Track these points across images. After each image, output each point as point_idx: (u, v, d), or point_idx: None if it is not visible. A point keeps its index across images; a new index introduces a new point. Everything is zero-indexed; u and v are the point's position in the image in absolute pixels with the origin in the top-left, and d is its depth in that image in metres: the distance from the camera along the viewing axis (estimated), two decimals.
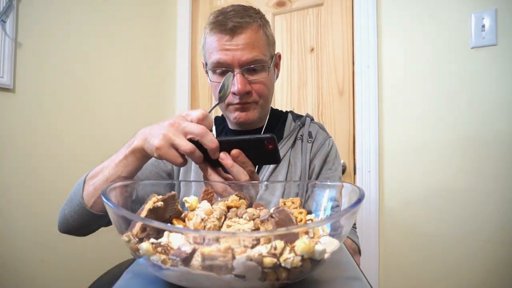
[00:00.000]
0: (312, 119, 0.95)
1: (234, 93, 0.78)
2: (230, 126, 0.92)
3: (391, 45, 1.41)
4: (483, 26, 1.23)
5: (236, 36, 0.75)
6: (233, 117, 0.83)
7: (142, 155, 0.57)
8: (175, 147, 0.52)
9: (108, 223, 0.68)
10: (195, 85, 1.90)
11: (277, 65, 0.89)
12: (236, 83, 0.77)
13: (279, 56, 0.90)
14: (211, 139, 0.52)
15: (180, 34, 1.90)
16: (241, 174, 0.53)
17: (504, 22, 1.21)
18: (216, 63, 0.78)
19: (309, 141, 0.90)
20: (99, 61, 1.51)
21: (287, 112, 1.00)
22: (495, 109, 1.21)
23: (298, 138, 0.90)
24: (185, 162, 0.54)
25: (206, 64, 0.83)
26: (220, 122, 0.97)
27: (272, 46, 0.84)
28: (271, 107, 0.96)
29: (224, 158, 0.53)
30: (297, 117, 0.97)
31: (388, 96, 1.41)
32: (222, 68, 0.78)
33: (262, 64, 0.79)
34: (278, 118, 0.95)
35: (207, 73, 0.84)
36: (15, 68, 1.22)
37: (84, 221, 0.65)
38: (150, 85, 1.78)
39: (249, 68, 0.78)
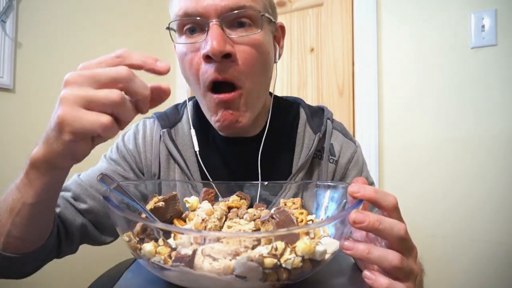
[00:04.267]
0: (332, 120, 0.68)
1: (207, 57, 0.51)
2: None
3: (391, 45, 1.41)
4: (483, 26, 1.23)
5: None
6: (214, 119, 0.56)
7: (48, 166, 0.38)
8: (89, 106, 0.33)
9: (44, 260, 0.52)
10: None
11: (279, 40, 0.64)
12: (210, 38, 0.50)
13: (282, 28, 0.64)
14: (142, 84, 0.36)
15: None
16: None
17: (504, 22, 1.21)
18: (181, 14, 0.52)
19: (331, 160, 0.64)
20: None
21: (297, 105, 0.70)
22: (495, 109, 1.21)
23: (315, 156, 0.64)
24: (113, 123, 0.34)
25: (170, 30, 0.58)
26: (203, 124, 0.64)
27: (270, 5, 0.58)
28: (273, 93, 0.68)
29: None
30: (312, 115, 0.68)
31: (388, 96, 1.41)
32: (191, 20, 0.52)
33: (252, 12, 0.52)
34: (287, 115, 0.67)
35: (171, 30, 0.58)
36: (15, 68, 1.22)
37: (8, 268, 0.46)
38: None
39: (231, 17, 0.52)
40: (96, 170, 0.63)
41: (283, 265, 0.33)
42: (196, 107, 0.68)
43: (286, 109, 0.68)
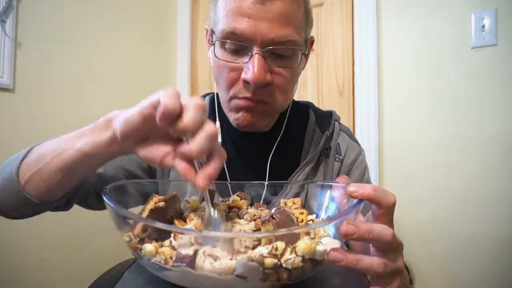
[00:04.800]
0: (339, 123, 0.72)
1: (245, 82, 0.55)
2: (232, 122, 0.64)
3: (391, 45, 1.41)
4: (483, 26, 1.23)
5: (269, 1, 0.52)
6: (234, 117, 0.60)
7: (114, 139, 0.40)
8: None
9: (54, 209, 0.54)
10: (195, 82, 1.90)
11: (307, 55, 0.65)
12: (251, 67, 0.53)
13: (313, 41, 0.66)
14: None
15: (180, 27, 1.90)
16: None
17: (504, 22, 1.21)
18: (229, 32, 0.54)
19: (337, 159, 0.68)
20: (99, 60, 1.51)
21: (307, 107, 0.74)
22: (495, 109, 1.21)
23: (322, 154, 0.67)
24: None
25: (213, 32, 0.59)
26: (222, 113, 0.67)
27: (309, 26, 0.61)
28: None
29: None
30: (320, 117, 0.72)
31: (388, 96, 1.41)
32: (236, 42, 0.54)
33: (294, 49, 0.56)
34: (298, 116, 0.71)
35: (213, 44, 0.58)
36: (15, 68, 1.22)
37: (11, 202, 0.49)
38: (151, 85, 1.78)
39: (275, 50, 0.54)
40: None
41: (284, 265, 0.33)
42: (211, 102, 0.71)
43: (298, 110, 0.72)
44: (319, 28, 1.59)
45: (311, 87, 1.60)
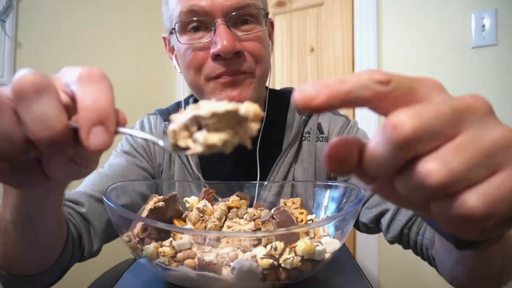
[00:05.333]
0: None
1: (216, 56, 0.52)
2: None
3: (391, 45, 1.41)
4: (483, 26, 1.23)
5: None
6: (221, 99, 0.52)
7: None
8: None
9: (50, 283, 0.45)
10: None
11: (270, 35, 0.64)
12: (219, 38, 0.51)
13: (272, 24, 0.65)
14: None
15: None
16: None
17: (504, 22, 1.21)
18: (187, 12, 0.52)
19: (321, 139, 0.64)
20: (99, 61, 1.51)
21: (289, 93, 0.69)
22: (495, 109, 1.21)
23: (304, 139, 0.64)
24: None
25: (172, 29, 0.57)
26: None
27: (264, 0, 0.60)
28: (267, 86, 0.69)
29: None
30: None
31: None
32: (197, 18, 0.52)
33: (256, 12, 0.55)
34: (280, 105, 0.68)
35: (174, 33, 0.56)
36: (15, 68, 1.22)
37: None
38: (151, 84, 1.78)
39: (238, 16, 0.53)
40: (116, 165, 0.60)
41: (282, 265, 0.33)
42: (177, 107, 0.70)
43: (280, 98, 0.69)
44: (319, 28, 1.59)
45: None
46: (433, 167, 0.17)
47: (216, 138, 0.21)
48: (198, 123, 0.21)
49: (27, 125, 0.20)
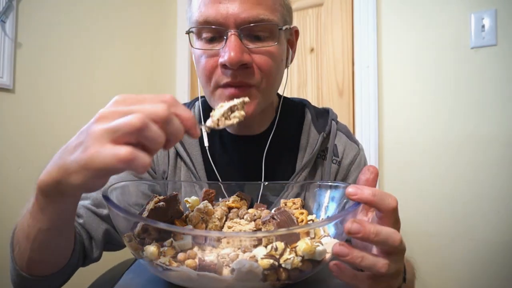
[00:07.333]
0: (336, 122, 0.69)
1: (223, 65, 0.53)
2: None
3: (391, 45, 1.41)
4: (483, 26, 1.23)
5: None
6: None
7: (60, 194, 0.35)
8: (114, 138, 0.31)
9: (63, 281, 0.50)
10: (195, 82, 1.90)
11: (292, 44, 0.65)
12: (228, 49, 0.52)
13: (297, 32, 0.65)
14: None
15: (180, 27, 1.90)
16: None
17: (504, 22, 1.21)
18: (202, 21, 0.54)
19: (334, 161, 0.65)
20: (98, 60, 1.51)
21: (303, 106, 0.71)
22: (495, 109, 1.21)
23: (319, 156, 0.65)
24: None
25: (191, 33, 0.59)
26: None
27: (287, 12, 0.61)
28: (282, 95, 0.70)
29: None
30: (317, 116, 0.69)
31: (388, 96, 1.41)
32: (211, 27, 0.54)
33: (271, 28, 0.55)
34: (293, 116, 0.69)
35: (190, 36, 0.59)
36: (15, 68, 1.22)
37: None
38: (151, 83, 1.78)
39: (250, 29, 0.53)
40: (114, 177, 0.60)
41: (283, 265, 0.33)
42: (204, 106, 0.69)
43: (292, 110, 0.69)
44: (319, 28, 1.59)
45: (311, 87, 1.60)
46: None
47: (239, 114, 0.42)
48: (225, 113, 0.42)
49: (168, 132, 0.32)
